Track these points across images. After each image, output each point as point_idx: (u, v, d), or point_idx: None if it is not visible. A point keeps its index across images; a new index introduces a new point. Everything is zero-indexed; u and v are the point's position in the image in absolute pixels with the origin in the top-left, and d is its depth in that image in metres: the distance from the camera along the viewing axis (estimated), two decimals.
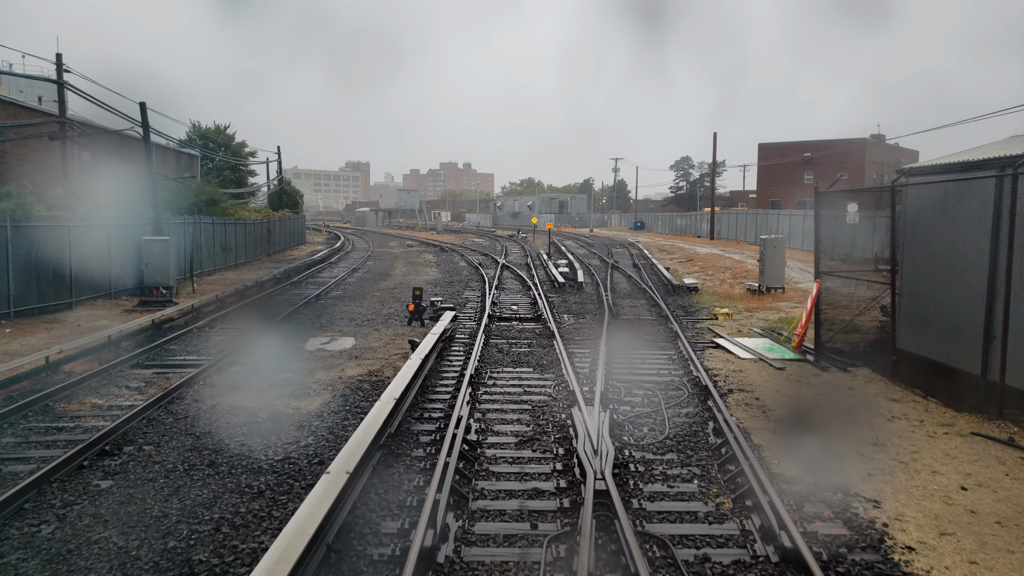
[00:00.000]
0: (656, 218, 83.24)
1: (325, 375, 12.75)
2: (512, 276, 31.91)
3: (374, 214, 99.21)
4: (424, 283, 28.93)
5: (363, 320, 19.14)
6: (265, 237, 44.38)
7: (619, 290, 27.22)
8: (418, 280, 30.23)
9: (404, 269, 36.20)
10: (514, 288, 27.29)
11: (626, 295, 25.80)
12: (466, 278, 31.27)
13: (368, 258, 43.44)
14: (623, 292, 26.60)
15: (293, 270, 33.68)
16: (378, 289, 27.09)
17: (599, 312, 20.76)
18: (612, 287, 27.55)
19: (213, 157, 65.16)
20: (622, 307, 22.42)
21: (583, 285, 27.19)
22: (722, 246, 50.63)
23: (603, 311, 20.63)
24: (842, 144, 70.01)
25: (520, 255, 45.49)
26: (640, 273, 33.74)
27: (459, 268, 36.34)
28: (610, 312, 20.31)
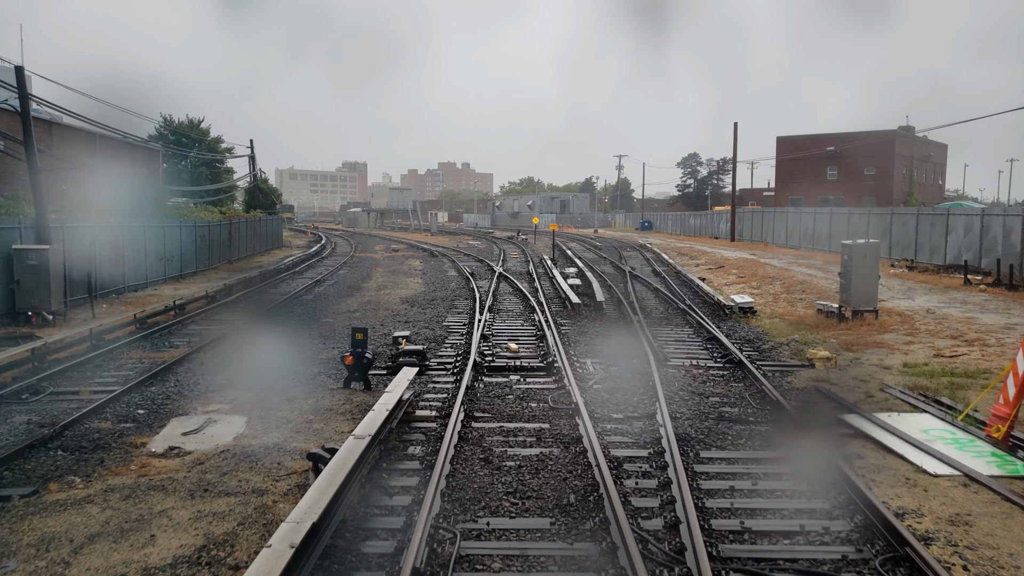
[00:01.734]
0: (665, 217, 76.51)
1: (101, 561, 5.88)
2: (510, 291, 25.20)
3: (366, 215, 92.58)
4: (398, 302, 22.25)
5: (284, 374, 12.39)
6: (226, 242, 37.68)
7: (651, 311, 20.52)
8: (392, 297, 23.55)
9: (381, 280, 29.53)
10: (513, 310, 20.58)
11: (663, 320, 19.11)
12: (453, 294, 24.56)
13: (344, 265, 36.76)
14: (657, 315, 19.90)
15: (246, 281, 27.01)
16: (336, 311, 20.41)
17: (636, 354, 14.06)
18: (641, 307, 20.86)
19: (185, 153, 58.48)
20: (665, 342, 15.71)
21: (602, 305, 20.47)
22: (750, 249, 43.94)
23: (643, 352, 13.93)
24: (868, 137, 63.32)
25: (520, 261, 38.79)
26: (667, 284, 27.02)
27: (447, 279, 29.65)
28: (654, 355, 13.59)
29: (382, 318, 18.80)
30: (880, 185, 63.78)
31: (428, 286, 27.05)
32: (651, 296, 24.21)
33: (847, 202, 63.76)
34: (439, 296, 23.72)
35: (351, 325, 17.46)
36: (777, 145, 69.38)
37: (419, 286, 27.14)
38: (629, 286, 26.10)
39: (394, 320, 18.57)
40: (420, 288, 26.36)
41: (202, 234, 33.46)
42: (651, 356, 13.37)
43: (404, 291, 25.44)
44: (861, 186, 64.89)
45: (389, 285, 27.53)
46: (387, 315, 19.36)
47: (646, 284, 27.56)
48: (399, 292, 25.11)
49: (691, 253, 43.21)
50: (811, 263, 33.37)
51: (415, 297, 23.50)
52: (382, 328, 17.06)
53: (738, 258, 37.45)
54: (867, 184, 64.70)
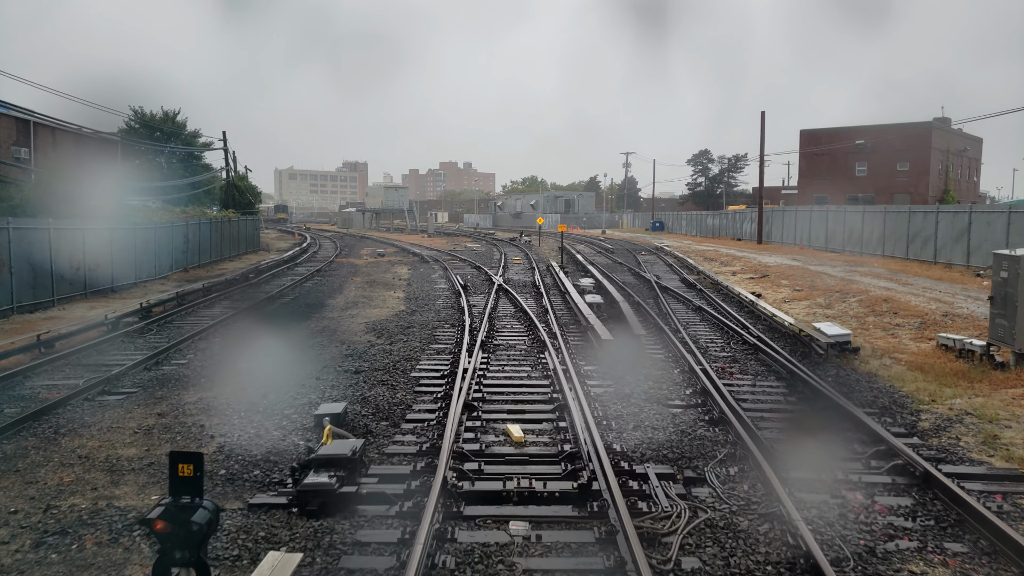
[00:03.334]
0: (678, 217, 70.47)
1: None
2: (512, 312, 19.24)
3: (361, 215, 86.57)
4: (362, 331, 16.26)
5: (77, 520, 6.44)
6: (181, 247, 31.78)
7: (710, 348, 14.46)
8: (357, 323, 17.57)
9: (353, 295, 23.60)
10: (515, 348, 14.56)
11: (732, 363, 13.07)
12: (437, 317, 18.60)
13: (317, 273, 30.85)
14: (722, 355, 13.82)
15: (179, 298, 21.12)
16: (272, 347, 14.48)
17: (729, 451, 8.08)
18: (693, 339, 14.84)
19: (154, 146, 52.53)
20: (760, 415, 9.65)
21: (641, 340, 14.49)
22: (786, 253, 37.94)
23: (737, 443, 8.00)
24: (901, 129, 57.27)
25: (524, 268, 32.85)
26: (709, 300, 21.02)
27: (433, 294, 23.69)
28: (764, 454, 7.56)
29: (325, 363, 12.82)
30: (915, 182, 57.70)
31: (409, 304, 21.10)
32: (698, 320, 18.21)
33: (877, 200, 57.78)
34: (418, 321, 17.74)
35: (282, 371, 11.58)
36: (800, 139, 63.31)
37: (397, 304, 21.19)
38: (663, 304, 20.14)
39: (343, 366, 12.61)
40: (397, 307, 20.40)
41: (145, 238, 27.54)
42: (760, 458, 7.40)
43: (376, 312, 19.49)
44: (893, 183, 58.85)
45: (361, 302, 21.59)
46: (336, 357, 13.39)
47: (683, 300, 21.59)
48: (369, 313, 19.17)
49: (719, 257, 37.22)
50: (873, 271, 27.39)
51: (386, 323, 17.51)
52: (310, 390, 11.10)
53: (780, 264, 31.46)
54: (900, 181, 58.63)
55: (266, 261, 37.11)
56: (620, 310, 17.71)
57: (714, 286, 25.68)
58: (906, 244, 31.28)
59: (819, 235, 39.91)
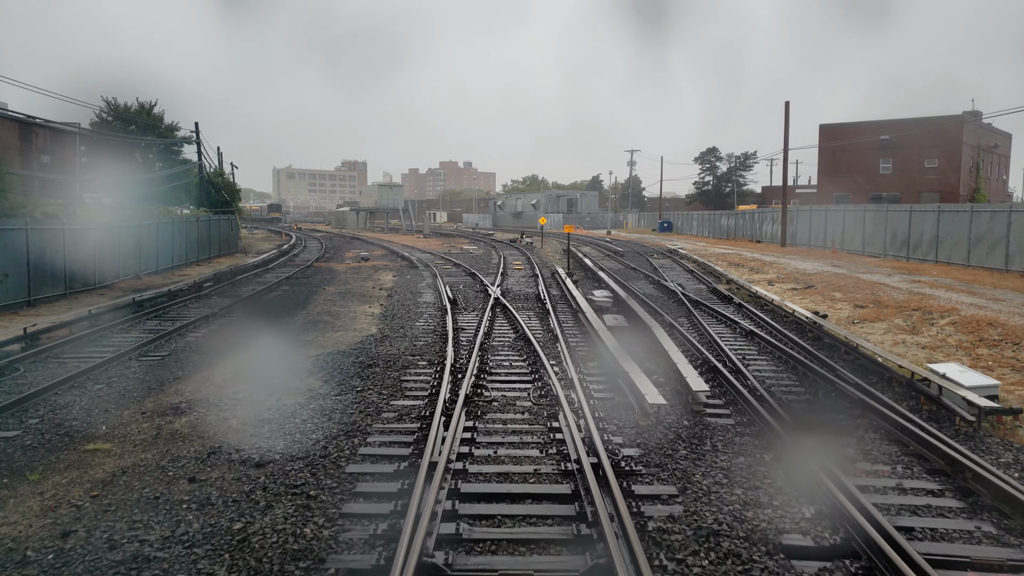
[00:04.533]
0: (688, 217, 65.87)
1: None
2: (512, 344, 14.64)
3: (355, 215, 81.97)
4: (304, 374, 11.71)
5: None
6: (132, 251, 27.25)
7: (798, 408, 9.88)
8: (303, 359, 13.02)
9: (317, 312, 19.07)
10: (516, 420, 9.93)
11: (839, 436, 8.53)
12: (409, 348, 14.03)
13: (287, 281, 26.33)
14: (821, 423, 9.24)
15: (91, 320, 16.61)
16: (164, 399, 9.98)
17: None
18: (769, 392, 10.29)
19: (125, 139, 47.94)
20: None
21: (701, 400, 9.92)
22: (819, 257, 33.38)
23: None
24: (930, 123, 52.70)
25: (525, 275, 28.32)
26: (759, 321, 16.41)
27: (413, 312, 19.13)
28: None
29: (210, 445, 8.27)
30: (944, 179, 53.12)
31: (382, 325, 16.57)
32: (757, 353, 13.64)
33: (903, 199, 53.25)
34: (386, 354, 13.17)
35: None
36: (820, 134, 58.68)
37: (368, 325, 16.65)
38: (702, 326, 15.59)
39: (237, 452, 8.07)
40: (366, 331, 15.86)
41: (79, 240, 23.02)
42: None
43: (337, 337, 14.97)
44: (921, 180, 54.29)
45: (323, 323, 17.07)
46: (238, 430, 8.83)
47: (724, 320, 17.04)
48: (328, 340, 14.64)
49: (744, 262, 32.70)
50: (939, 280, 22.85)
51: (344, 357, 12.94)
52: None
53: (821, 271, 26.92)
54: (928, 178, 54.08)
55: (238, 265, 32.59)
56: (654, 339, 13.19)
57: (754, 299, 21.16)
58: (967, 249, 26.72)
59: (854, 237, 35.37)
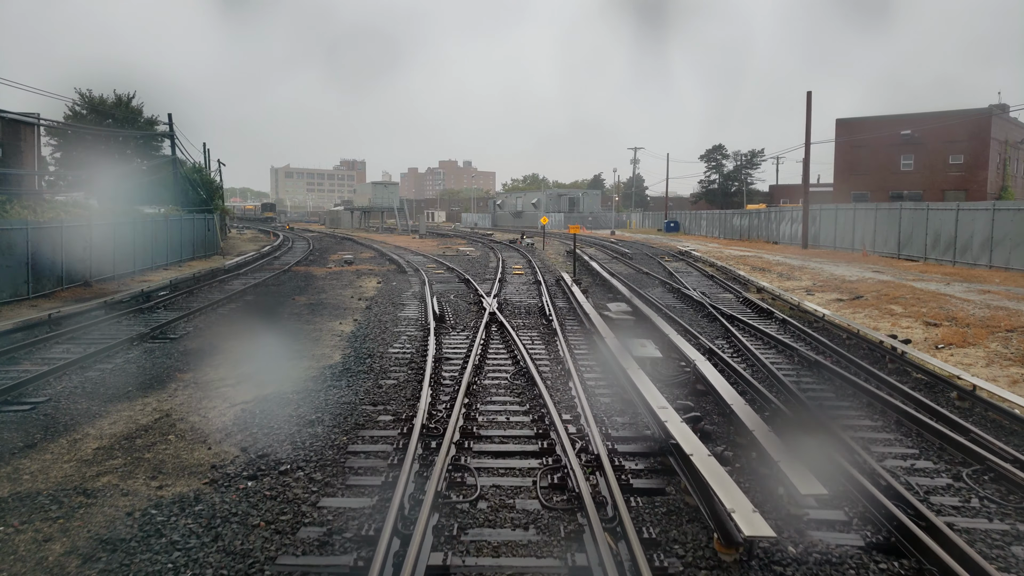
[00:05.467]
0: (697, 217, 62.33)
1: None
2: (509, 384, 11.05)
3: (349, 214, 78.48)
4: (220, 432, 8.22)
5: None
6: (80, 256, 23.73)
7: (954, 507, 6.44)
8: (219, 414, 9.49)
9: (272, 333, 15.61)
10: (520, 545, 6.45)
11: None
12: (371, 392, 10.51)
13: (255, 288, 22.84)
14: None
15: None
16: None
17: None
18: (907, 485, 6.83)
19: (87, 131, 44.38)
20: None
21: (808, 511, 6.43)
22: (858, 262, 29.86)
23: None
24: (955, 117, 49.19)
25: (526, 282, 24.79)
26: (818, 344, 12.85)
27: (391, 331, 15.58)
28: None
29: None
30: (970, 176, 49.63)
31: (347, 351, 13.05)
32: (851, 405, 10.13)
33: (926, 197, 49.79)
34: (335, 405, 9.64)
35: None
36: (837, 129, 55.13)
37: (328, 352, 13.13)
38: (751, 354, 12.09)
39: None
40: (324, 361, 12.35)
41: (8, 241, 19.55)
42: None
43: (283, 373, 11.46)
44: (946, 178, 50.81)
45: (272, 350, 13.58)
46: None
47: (774, 343, 13.51)
48: (268, 378, 11.13)
49: (768, 266, 29.20)
50: (1011, 291, 19.35)
51: (276, 410, 9.44)
52: None
53: (863, 278, 23.41)
54: (953, 176, 50.58)
55: (208, 270, 29.07)
56: (702, 378, 9.68)
57: (797, 313, 17.64)
58: None
59: (887, 238, 31.85)
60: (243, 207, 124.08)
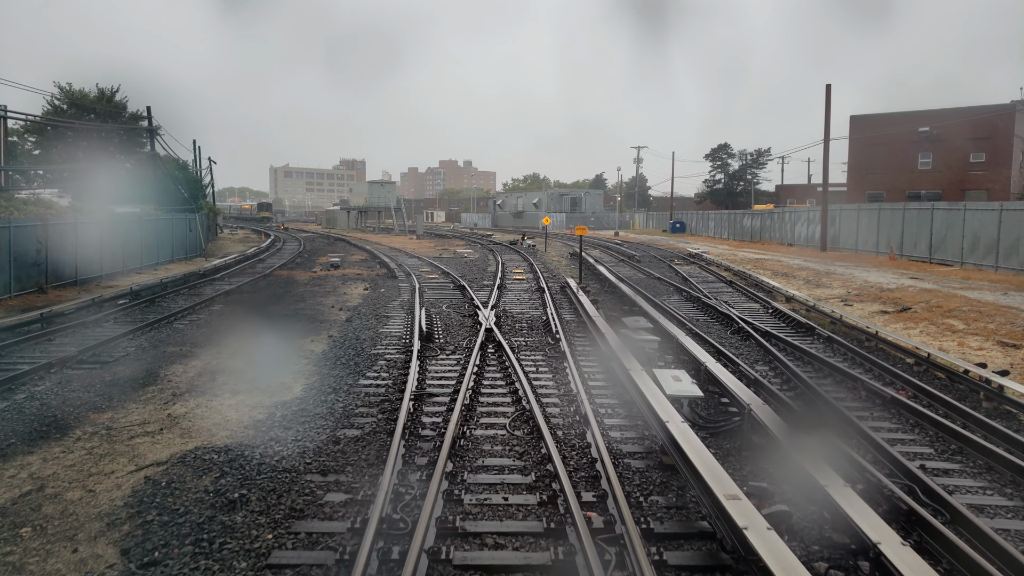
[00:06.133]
0: (704, 217, 59.85)
1: None
2: (507, 438, 8.52)
3: (346, 214, 76.05)
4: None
5: None
6: (33, 259, 21.28)
7: None
8: (117, 490, 6.99)
9: (226, 356, 13.13)
10: None
11: None
12: (325, 453, 8.02)
13: (225, 297, 20.38)
14: None
15: None
16: None
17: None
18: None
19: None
20: None
21: None
22: (887, 267, 27.38)
23: None
24: (975, 113, 46.71)
25: (529, 290, 22.27)
26: (885, 373, 10.23)
27: (364, 358, 13.07)
28: None
29: None
30: (993, 175, 47.13)
31: (308, 383, 10.57)
32: (964, 471, 7.63)
33: (945, 197, 47.30)
34: (271, 471, 7.15)
35: None
36: (851, 126, 52.62)
37: (288, 383, 10.63)
38: (809, 387, 9.60)
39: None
40: (277, 398, 9.85)
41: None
42: None
43: (220, 417, 8.98)
44: (966, 177, 48.29)
45: (220, 378, 11.10)
46: None
47: (829, 370, 11.00)
48: (200, 424, 8.66)
49: (789, 271, 26.72)
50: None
51: (191, 480, 6.95)
52: None
53: (901, 286, 20.93)
54: (974, 174, 48.07)
55: (183, 274, 26.57)
56: (769, 438, 7.20)
57: (842, 329, 15.16)
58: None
59: (916, 241, 29.37)
60: (240, 207, 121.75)
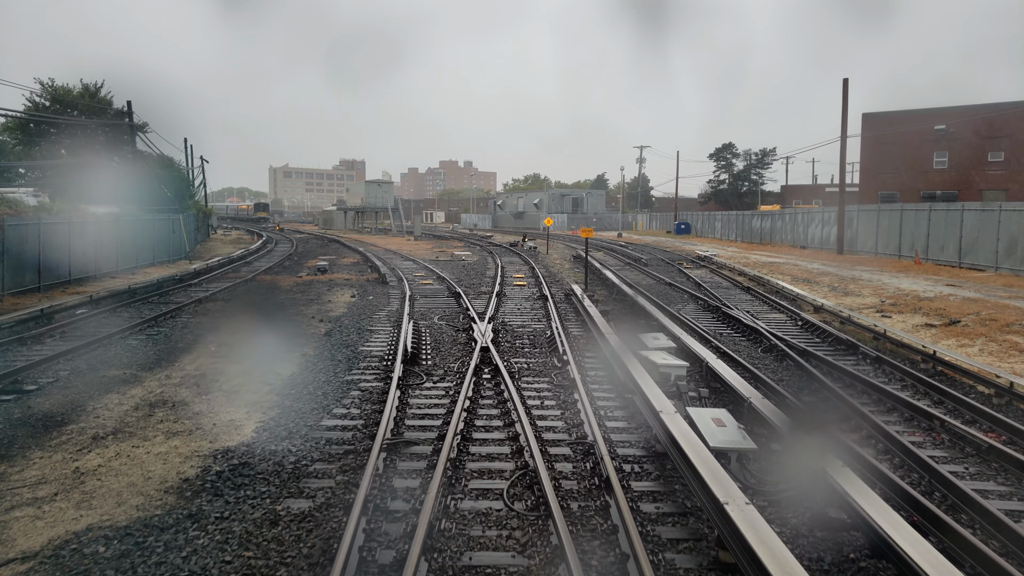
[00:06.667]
0: (710, 218, 57.88)
1: None
2: (505, 521, 6.58)
3: (343, 214, 74.06)
4: None
5: None
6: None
7: None
8: None
9: (184, 374, 11.14)
10: None
11: None
12: (267, 537, 6.05)
13: (196, 305, 18.40)
14: None
15: None
16: None
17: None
18: None
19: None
20: None
21: None
22: (913, 271, 25.37)
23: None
24: (994, 111, 44.71)
25: (530, 298, 20.26)
26: (971, 425, 8.37)
27: (334, 387, 11.09)
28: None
29: None
30: (1012, 175, 45.12)
31: (266, 415, 8.58)
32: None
33: (961, 197, 45.30)
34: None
35: None
36: (863, 124, 50.61)
37: (239, 420, 8.65)
38: (923, 464, 7.62)
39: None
40: (222, 440, 7.88)
41: None
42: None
43: (123, 481, 7.01)
44: (984, 176, 46.30)
45: (156, 414, 9.13)
46: None
47: (914, 415, 9.00)
48: (94, 488, 6.70)
49: (809, 276, 24.75)
50: None
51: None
52: None
53: (940, 294, 18.95)
54: (993, 174, 46.07)
55: (155, 279, 24.59)
56: (859, 519, 5.22)
57: (889, 347, 13.18)
58: None
59: (943, 244, 27.39)
60: (237, 207, 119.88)
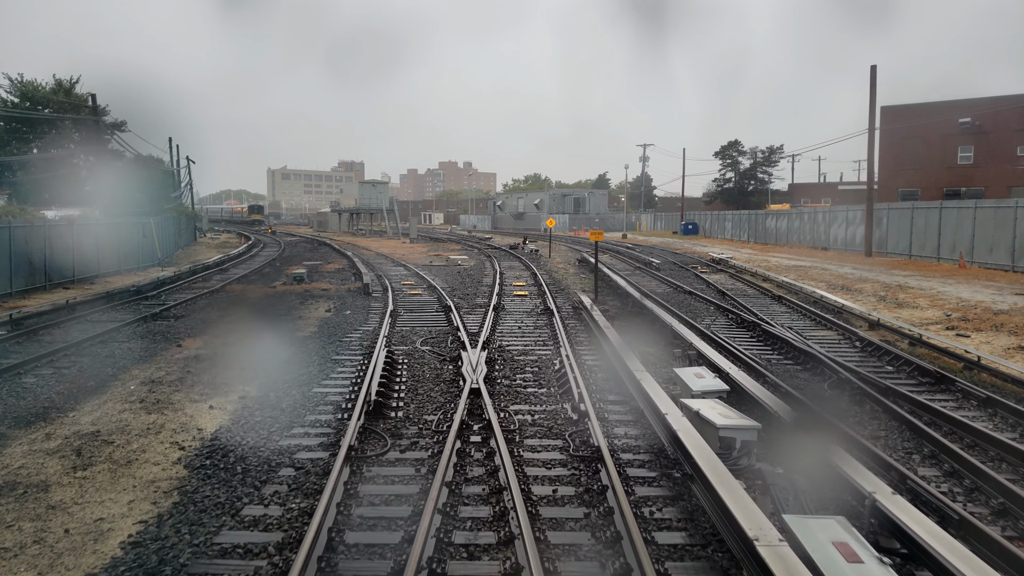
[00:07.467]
0: (720, 219, 54.96)
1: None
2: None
3: (337, 216, 71.26)
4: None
5: None
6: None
7: None
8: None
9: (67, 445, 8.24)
10: None
11: None
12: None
13: (136, 325, 15.52)
14: None
15: None
16: None
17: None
18: None
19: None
20: None
21: None
22: (961, 276, 22.47)
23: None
24: (1022, 102, 41.83)
25: (532, 311, 17.28)
26: None
27: (263, 462, 8.20)
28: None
29: None
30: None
31: (152, 516, 5.71)
32: None
33: (988, 194, 42.41)
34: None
35: None
36: (882, 117, 47.63)
37: (80, 567, 5.79)
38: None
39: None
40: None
41: None
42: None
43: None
44: (1012, 172, 43.41)
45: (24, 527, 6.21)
46: None
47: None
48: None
49: (846, 282, 21.87)
50: None
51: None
52: None
53: (1016, 307, 16.05)
54: (1022, 169, 43.20)
55: (105, 291, 21.70)
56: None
57: (992, 380, 10.28)
58: None
59: (991, 245, 24.49)
60: (232, 209, 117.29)
